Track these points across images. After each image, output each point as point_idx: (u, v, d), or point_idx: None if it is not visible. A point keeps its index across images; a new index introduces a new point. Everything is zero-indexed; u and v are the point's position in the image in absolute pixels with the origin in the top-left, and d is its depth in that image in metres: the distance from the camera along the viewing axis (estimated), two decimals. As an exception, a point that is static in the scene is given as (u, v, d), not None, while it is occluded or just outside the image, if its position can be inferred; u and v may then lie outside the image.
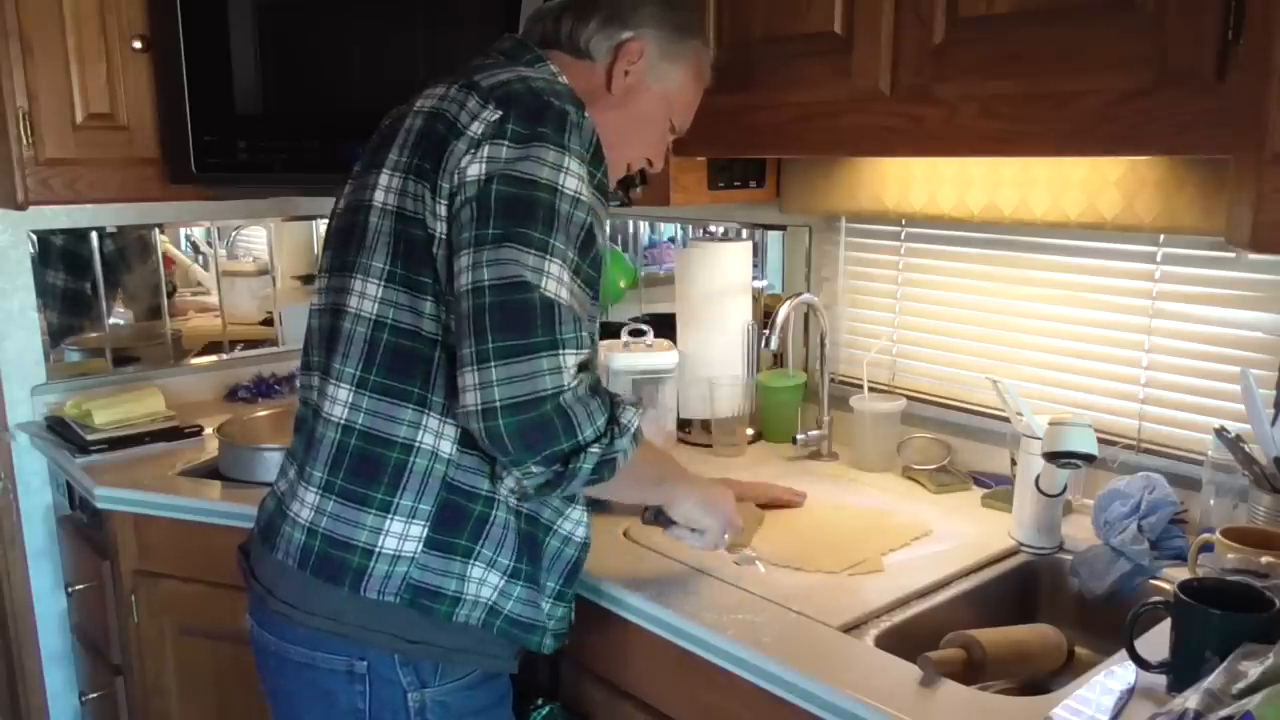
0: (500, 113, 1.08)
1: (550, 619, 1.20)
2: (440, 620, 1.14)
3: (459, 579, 1.14)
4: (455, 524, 1.13)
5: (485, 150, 1.07)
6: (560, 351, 1.03)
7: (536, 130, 1.07)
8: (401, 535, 1.12)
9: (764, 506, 1.53)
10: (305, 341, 1.27)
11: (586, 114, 1.12)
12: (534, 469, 1.05)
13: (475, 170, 1.06)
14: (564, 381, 1.02)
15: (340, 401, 1.14)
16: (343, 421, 1.14)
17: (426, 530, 1.13)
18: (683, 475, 1.29)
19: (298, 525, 1.16)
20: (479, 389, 1.01)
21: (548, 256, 1.04)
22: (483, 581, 1.15)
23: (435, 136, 1.11)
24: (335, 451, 1.14)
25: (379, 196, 1.15)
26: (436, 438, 1.12)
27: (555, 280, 1.05)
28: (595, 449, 1.06)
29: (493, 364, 1.01)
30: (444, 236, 1.09)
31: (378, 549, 1.12)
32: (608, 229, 1.19)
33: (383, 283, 1.12)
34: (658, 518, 1.32)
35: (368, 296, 1.13)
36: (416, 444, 1.12)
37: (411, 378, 1.11)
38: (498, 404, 1.01)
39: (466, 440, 1.11)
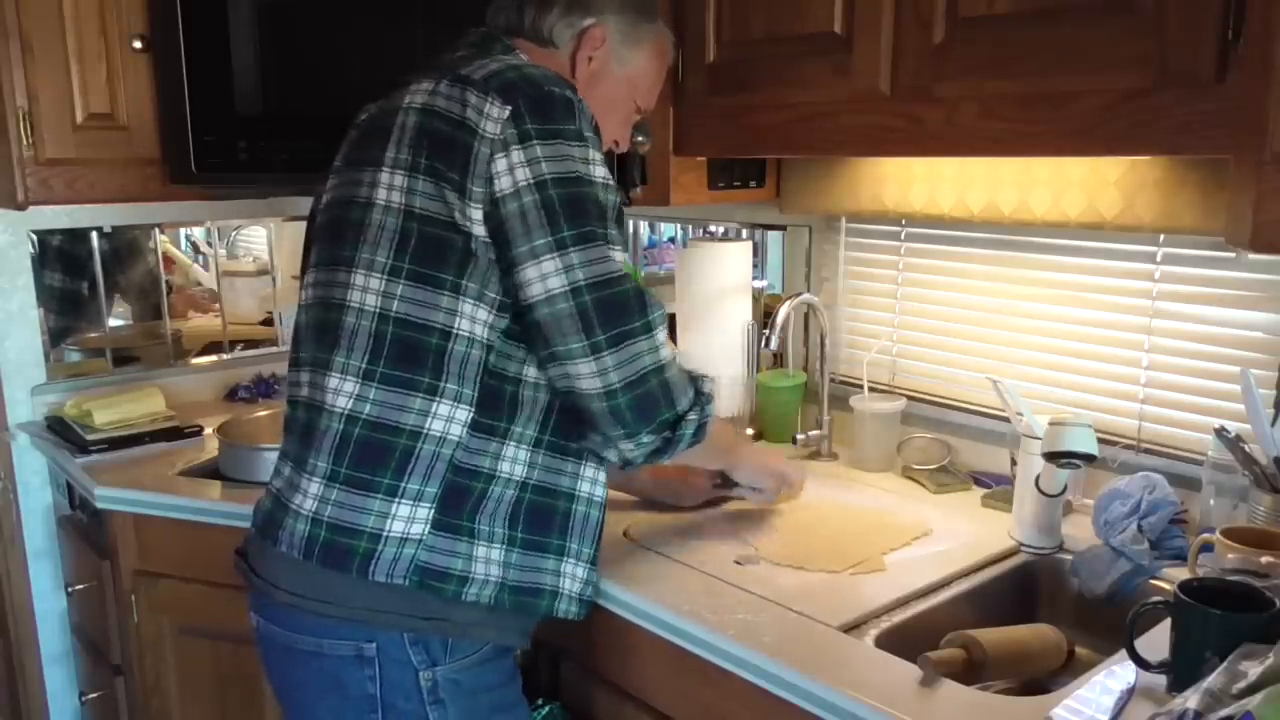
0: (509, 108, 1.10)
1: (576, 581, 1.22)
2: (450, 600, 1.15)
3: (466, 558, 1.15)
4: (459, 504, 1.14)
5: (518, 154, 1.09)
6: (654, 331, 1.15)
7: (555, 124, 1.11)
8: (409, 518, 1.13)
9: None
10: (294, 339, 1.27)
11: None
12: (645, 438, 1.17)
13: (522, 175, 1.09)
14: (662, 357, 1.16)
15: (345, 393, 1.15)
16: (347, 411, 1.14)
17: (433, 512, 1.14)
18: (743, 441, 1.49)
19: (300, 516, 1.16)
20: (598, 375, 1.12)
21: (614, 246, 1.14)
22: (487, 560, 1.16)
23: (443, 136, 1.12)
24: (339, 441, 1.15)
25: (381, 194, 1.15)
26: (447, 422, 1.13)
27: (624, 264, 1.14)
28: (693, 415, 1.20)
29: (606, 353, 1.12)
30: (485, 239, 1.11)
31: (385, 532, 1.13)
32: None
33: (385, 276, 1.13)
34: (725, 481, 1.50)
35: (370, 290, 1.14)
36: (425, 430, 1.13)
37: (421, 367, 1.13)
38: (617, 385, 1.12)
39: (478, 424, 1.14)
